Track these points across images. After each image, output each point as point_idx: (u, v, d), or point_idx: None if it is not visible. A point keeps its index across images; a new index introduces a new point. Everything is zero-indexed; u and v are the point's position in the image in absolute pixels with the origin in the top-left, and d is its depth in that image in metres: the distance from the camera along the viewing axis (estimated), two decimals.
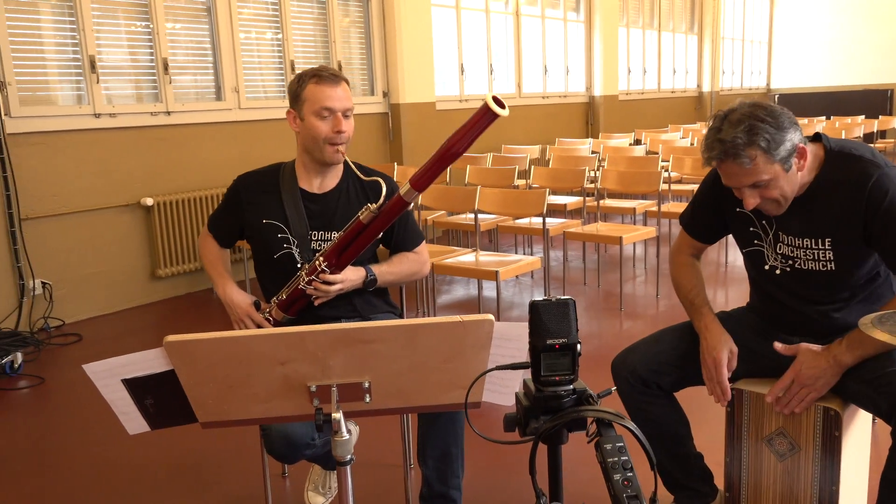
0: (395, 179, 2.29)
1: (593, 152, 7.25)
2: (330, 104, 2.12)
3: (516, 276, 5.27)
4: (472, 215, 4.58)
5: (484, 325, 1.34)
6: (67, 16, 4.65)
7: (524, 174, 5.98)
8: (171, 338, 1.29)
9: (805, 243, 1.91)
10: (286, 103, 2.24)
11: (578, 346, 1.02)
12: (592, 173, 5.60)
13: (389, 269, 2.26)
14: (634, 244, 5.73)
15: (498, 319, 1.31)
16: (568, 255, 5.97)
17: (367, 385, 1.44)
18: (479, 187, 4.28)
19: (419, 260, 2.34)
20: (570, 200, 5.92)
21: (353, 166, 2.18)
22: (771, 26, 15.31)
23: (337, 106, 2.13)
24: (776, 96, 14.08)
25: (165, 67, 5.10)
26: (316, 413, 1.42)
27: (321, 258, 2.08)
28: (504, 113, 1.75)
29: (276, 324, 2.22)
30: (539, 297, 4.21)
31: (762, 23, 15.17)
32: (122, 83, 4.98)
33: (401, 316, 2.43)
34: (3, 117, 4.30)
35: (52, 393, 3.63)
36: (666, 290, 5.05)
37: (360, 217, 2.01)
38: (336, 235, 2.15)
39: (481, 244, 4.47)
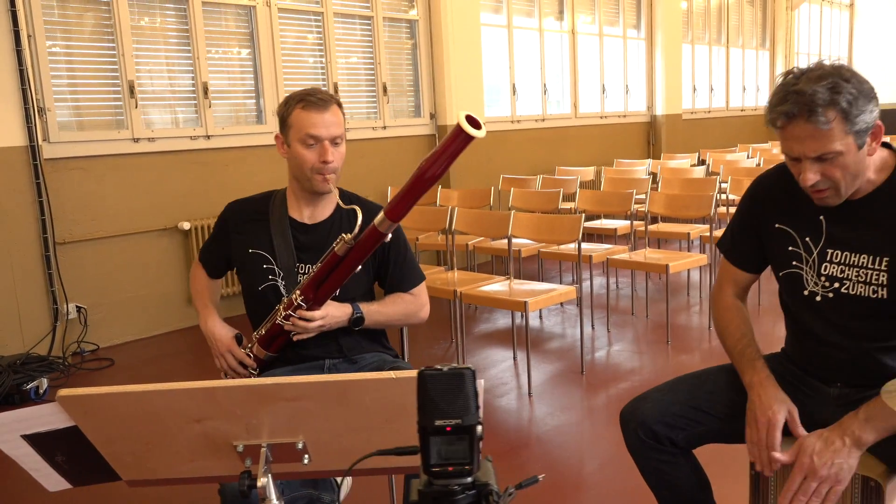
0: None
1: (650, 173, 6.93)
2: (315, 132, 1.97)
3: (560, 304, 5.01)
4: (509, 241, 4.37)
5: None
6: (107, 41, 4.69)
7: (572, 197, 5.73)
8: (64, 392, 1.15)
9: (859, 260, 1.65)
10: None
11: (479, 428, 0.81)
12: (643, 196, 5.31)
13: (380, 310, 2.07)
14: (689, 271, 5.40)
15: (528, 353, 1.10)
16: (619, 282, 5.67)
17: (301, 445, 1.26)
18: (512, 212, 4.07)
19: (416, 302, 2.15)
20: (621, 224, 5.63)
21: (336, 195, 2.03)
22: (851, 41, 14.58)
23: (323, 134, 1.98)
24: None
25: (206, 92, 5.10)
26: (241, 477, 1.25)
27: (298, 292, 1.93)
28: (479, 134, 1.56)
29: (258, 361, 2.10)
30: (577, 328, 3.84)
31: (841, 37, 14.46)
32: (161, 108, 5.00)
33: (398, 357, 2.24)
34: (41, 143, 4.35)
35: None
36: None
37: (336, 248, 1.86)
38: None
39: (526, 271, 4.25)
